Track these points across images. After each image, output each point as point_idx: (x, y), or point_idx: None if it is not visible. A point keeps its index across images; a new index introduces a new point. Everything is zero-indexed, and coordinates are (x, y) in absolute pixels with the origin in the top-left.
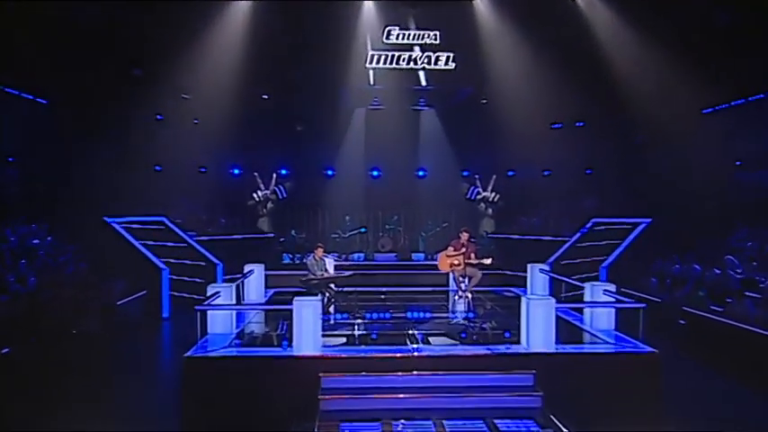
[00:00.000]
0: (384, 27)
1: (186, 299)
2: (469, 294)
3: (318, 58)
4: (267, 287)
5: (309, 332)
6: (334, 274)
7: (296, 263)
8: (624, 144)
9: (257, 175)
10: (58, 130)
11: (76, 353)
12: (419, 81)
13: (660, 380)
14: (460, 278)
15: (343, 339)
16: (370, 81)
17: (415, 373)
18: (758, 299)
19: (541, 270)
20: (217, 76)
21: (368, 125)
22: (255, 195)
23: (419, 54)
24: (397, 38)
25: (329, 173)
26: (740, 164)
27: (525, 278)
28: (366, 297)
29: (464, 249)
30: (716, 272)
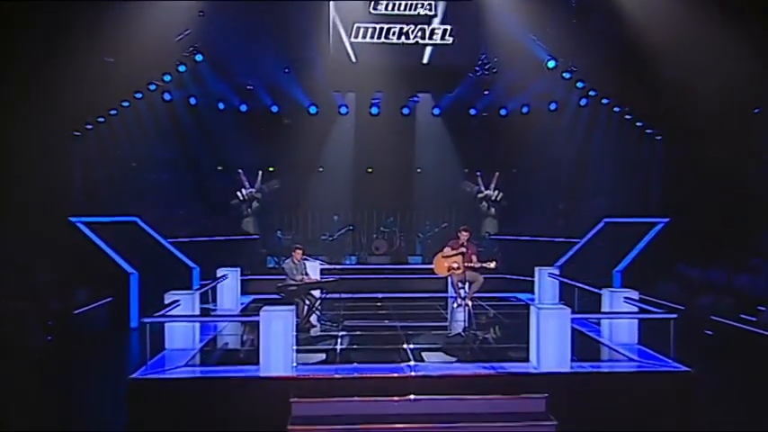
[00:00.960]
0: None
1: (158, 306)
2: (470, 302)
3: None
4: (247, 293)
5: (279, 348)
6: (317, 279)
7: (281, 267)
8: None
9: (241, 171)
10: None
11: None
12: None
13: (695, 404)
14: (460, 284)
15: (322, 356)
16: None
17: (411, 397)
18: None
19: (551, 274)
20: None
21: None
22: (239, 194)
23: (411, 27)
24: (386, 8)
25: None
26: None
27: (533, 283)
28: (354, 305)
29: (463, 250)
30: (744, 277)
